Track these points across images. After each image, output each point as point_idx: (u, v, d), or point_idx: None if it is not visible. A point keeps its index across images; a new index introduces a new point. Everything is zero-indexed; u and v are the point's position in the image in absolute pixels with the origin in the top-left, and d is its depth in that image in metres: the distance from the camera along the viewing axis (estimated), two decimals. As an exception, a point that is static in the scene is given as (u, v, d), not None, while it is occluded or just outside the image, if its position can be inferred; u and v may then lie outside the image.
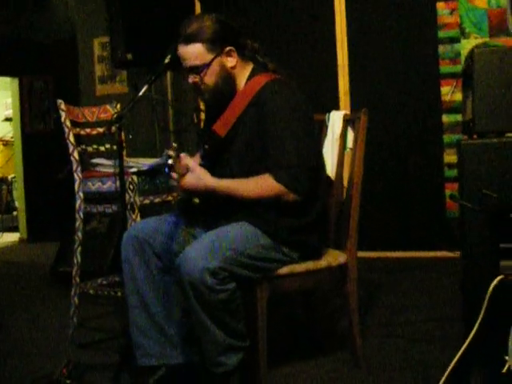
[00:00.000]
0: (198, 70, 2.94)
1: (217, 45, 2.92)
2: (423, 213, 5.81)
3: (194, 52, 2.92)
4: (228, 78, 2.97)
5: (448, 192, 5.65)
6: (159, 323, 3.02)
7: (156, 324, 3.02)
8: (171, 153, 2.70)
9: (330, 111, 3.67)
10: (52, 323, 4.35)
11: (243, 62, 3.03)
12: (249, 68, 3.05)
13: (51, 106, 8.93)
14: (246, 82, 3.01)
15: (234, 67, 2.97)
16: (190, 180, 2.81)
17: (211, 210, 3.01)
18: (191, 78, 2.97)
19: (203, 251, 2.66)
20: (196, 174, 2.81)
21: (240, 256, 2.75)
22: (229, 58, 2.96)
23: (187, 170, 2.80)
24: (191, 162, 2.83)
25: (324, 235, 3.15)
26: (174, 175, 2.80)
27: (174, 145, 2.77)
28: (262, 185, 2.81)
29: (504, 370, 2.07)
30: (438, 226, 5.71)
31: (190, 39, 2.91)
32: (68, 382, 3.02)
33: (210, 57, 2.91)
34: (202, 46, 2.90)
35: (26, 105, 9.02)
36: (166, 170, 2.70)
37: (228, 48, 2.94)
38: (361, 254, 3.34)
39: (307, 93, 3.07)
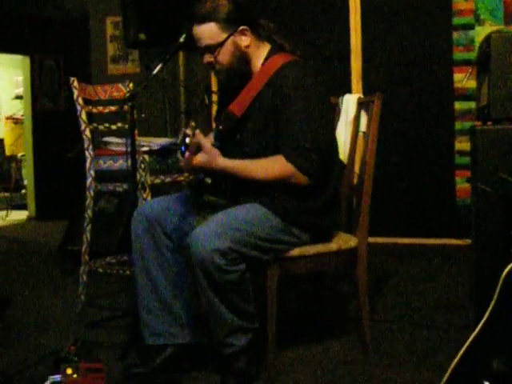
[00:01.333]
0: (212, 49, 2.92)
1: (230, 24, 2.90)
2: (433, 200, 5.80)
3: (207, 31, 2.90)
4: (242, 57, 2.96)
5: (458, 179, 5.64)
6: (167, 303, 3.02)
7: (164, 304, 3.01)
8: (189, 132, 2.68)
9: (342, 95, 3.66)
10: (60, 301, 4.36)
11: (259, 41, 3.01)
12: (266, 48, 3.03)
13: (62, 85, 8.93)
14: (264, 63, 2.99)
15: (248, 46, 2.95)
16: (201, 159, 2.79)
17: (223, 190, 3.00)
18: (206, 58, 2.96)
19: (213, 232, 2.65)
20: (207, 153, 2.79)
21: (250, 237, 2.74)
22: (243, 37, 2.94)
23: (199, 148, 2.78)
24: (204, 139, 2.80)
25: (336, 218, 3.13)
26: (187, 154, 2.78)
27: (192, 123, 2.74)
28: (273, 165, 2.80)
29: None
30: (448, 214, 5.70)
31: (203, 18, 2.89)
32: (75, 359, 3.02)
33: (223, 36, 2.90)
34: (215, 25, 2.89)
35: (37, 83, 9.02)
36: (183, 148, 2.68)
37: (242, 27, 2.92)
38: (371, 239, 3.33)
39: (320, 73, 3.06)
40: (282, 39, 3.10)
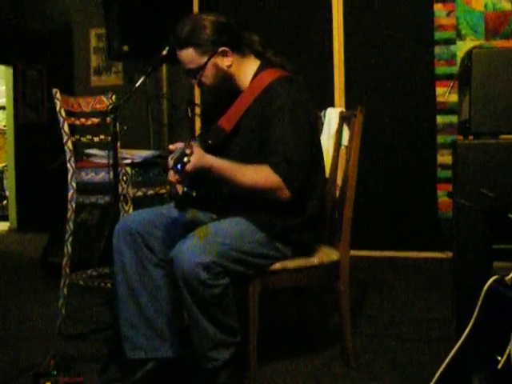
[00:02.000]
0: (194, 73, 2.94)
1: (209, 47, 2.90)
2: (415, 213, 5.81)
3: (187, 56, 2.92)
4: (226, 77, 2.97)
5: (440, 193, 5.65)
6: (148, 316, 3.00)
7: (145, 317, 3.00)
8: (188, 151, 2.63)
9: (325, 108, 3.67)
10: (40, 314, 4.33)
11: (243, 58, 3.01)
12: (253, 63, 3.04)
13: (45, 96, 8.90)
14: (253, 79, 3.00)
15: (230, 66, 2.96)
16: (195, 160, 2.69)
17: (206, 203, 3.00)
18: (192, 81, 2.99)
19: (197, 246, 2.64)
20: (201, 155, 2.72)
21: (234, 251, 2.74)
22: (224, 58, 2.94)
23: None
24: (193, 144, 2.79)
25: (319, 233, 3.14)
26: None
27: (193, 143, 2.70)
28: (259, 173, 2.79)
29: (499, 367, 2.07)
30: (430, 227, 5.71)
31: (182, 44, 2.91)
32: (55, 373, 2.99)
33: (203, 60, 2.91)
34: (193, 50, 2.90)
35: (20, 94, 8.99)
36: (179, 167, 2.61)
37: (222, 49, 2.92)
38: (353, 252, 3.33)
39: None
40: (269, 52, 3.10)
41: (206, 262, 2.60)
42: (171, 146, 2.73)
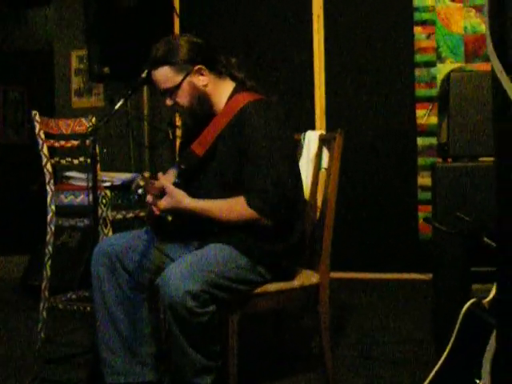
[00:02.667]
0: (169, 92, 2.94)
1: (185, 65, 2.91)
2: (396, 235, 5.82)
3: (163, 75, 2.93)
4: (202, 96, 2.96)
5: (421, 214, 5.67)
6: (127, 340, 2.98)
7: (124, 341, 2.98)
8: (141, 183, 2.71)
9: (306, 131, 3.67)
10: (20, 337, 4.29)
11: (219, 79, 3.02)
12: (228, 86, 3.04)
13: (26, 117, 8.87)
14: (227, 102, 3.00)
15: (206, 85, 2.96)
16: (168, 203, 2.80)
17: (185, 227, 3.00)
18: (167, 101, 2.98)
19: (184, 274, 2.62)
20: (172, 196, 2.80)
21: (221, 278, 2.73)
22: (200, 77, 2.94)
23: (163, 191, 2.80)
24: (167, 183, 2.82)
25: (301, 258, 3.14)
26: (150, 198, 2.81)
27: (146, 174, 2.77)
28: (234, 208, 2.81)
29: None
30: (411, 248, 5.72)
31: (157, 62, 2.92)
32: (34, 397, 2.98)
33: (179, 78, 2.91)
34: (169, 68, 2.91)
35: (1, 115, 8.96)
36: (136, 197, 2.72)
37: (197, 67, 2.93)
38: (334, 274, 3.33)
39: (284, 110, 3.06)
40: (244, 75, 3.10)
41: (194, 290, 2.59)
42: (140, 182, 2.76)
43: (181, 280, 2.60)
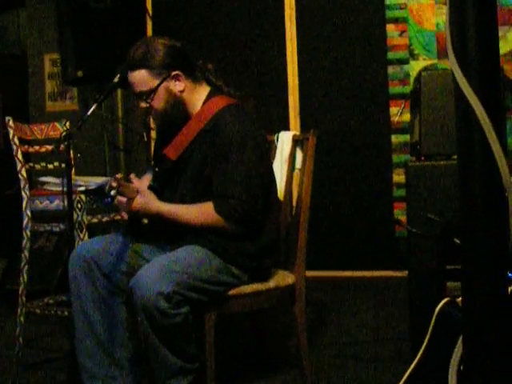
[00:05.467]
0: (145, 95, 2.94)
1: (163, 69, 2.92)
2: (372, 232, 5.84)
3: (139, 78, 2.93)
4: (177, 102, 2.97)
5: (397, 212, 5.70)
6: (105, 344, 2.98)
7: (102, 345, 2.97)
8: (114, 184, 2.72)
9: (279, 131, 3.68)
10: (-2, 342, 4.29)
11: (195, 84, 3.03)
12: (204, 91, 3.05)
13: (0, 122, 8.82)
14: (202, 105, 3.01)
15: (182, 91, 2.97)
16: (138, 203, 2.82)
17: (160, 230, 3.01)
18: (141, 104, 2.98)
19: (157, 275, 2.64)
20: (144, 198, 2.82)
21: (193, 280, 2.74)
22: (176, 83, 2.95)
23: (137, 192, 2.81)
24: (141, 184, 2.84)
25: (275, 259, 3.16)
26: (123, 199, 2.82)
27: (118, 176, 2.79)
28: (202, 213, 2.85)
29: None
30: (387, 246, 5.75)
31: (135, 65, 2.92)
32: (12, 403, 2.98)
33: (155, 82, 2.92)
34: (146, 71, 2.91)
35: (-26, 120, 8.91)
36: (109, 200, 2.74)
37: (174, 72, 2.93)
38: (310, 273, 3.35)
39: (259, 112, 3.08)
40: (220, 80, 3.12)
41: (166, 291, 2.60)
42: (113, 183, 2.77)
43: (153, 281, 2.61)
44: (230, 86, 3.13)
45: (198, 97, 3.03)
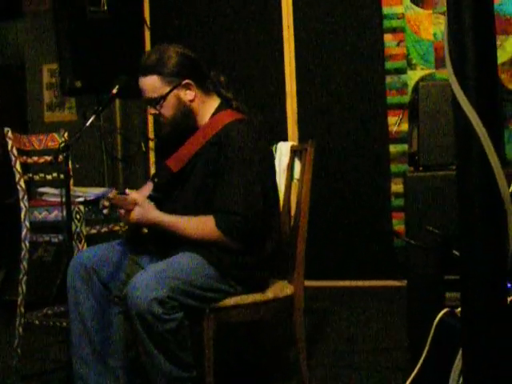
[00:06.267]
0: (154, 102, 2.94)
1: (174, 77, 2.92)
2: (370, 241, 5.84)
3: (150, 84, 2.93)
4: (187, 111, 2.98)
5: (395, 221, 5.70)
6: (101, 353, 2.97)
7: (98, 354, 2.97)
8: (106, 204, 2.75)
9: (278, 141, 3.69)
10: (-4, 353, 4.29)
11: (206, 95, 3.03)
12: (214, 103, 3.06)
13: (-1, 132, 8.83)
14: (210, 118, 3.01)
15: (192, 100, 2.97)
16: (137, 214, 2.82)
17: (159, 239, 3.01)
18: (150, 110, 2.99)
19: (151, 281, 2.64)
20: (143, 208, 2.82)
21: (187, 286, 2.74)
22: (187, 91, 2.96)
23: (135, 204, 2.82)
24: (139, 196, 2.84)
25: (273, 271, 3.16)
26: (122, 211, 2.83)
27: (110, 195, 2.81)
28: (203, 227, 2.85)
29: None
30: (385, 255, 5.74)
31: (147, 71, 2.92)
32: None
33: (166, 89, 2.92)
34: (158, 78, 2.91)
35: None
36: (103, 216, 2.78)
37: (186, 81, 2.94)
38: (308, 283, 3.35)
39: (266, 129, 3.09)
40: (231, 94, 3.12)
41: (160, 296, 2.60)
42: (105, 202, 2.79)
43: (147, 287, 2.61)
44: (240, 100, 3.13)
45: (207, 108, 3.04)
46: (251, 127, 2.97)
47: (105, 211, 2.75)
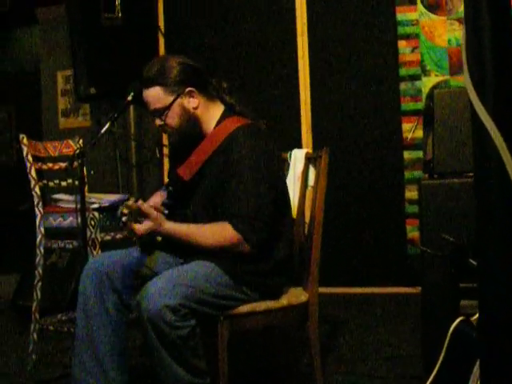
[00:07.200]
0: (160, 112, 2.96)
1: (176, 87, 2.94)
2: (384, 248, 5.82)
3: (154, 95, 2.95)
4: (192, 119, 2.99)
5: (409, 228, 5.69)
6: (103, 362, 2.94)
7: (99, 362, 2.94)
8: (125, 211, 2.74)
9: (292, 148, 3.69)
10: (10, 358, 4.29)
11: (209, 102, 3.05)
12: (218, 109, 3.07)
13: (14, 138, 8.88)
14: (216, 126, 3.02)
15: (196, 108, 2.99)
16: (148, 226, 2.82)
17: (173, 247, 3.02)
18: (156, 121, 3.00)
19: (163, 288, 2.64)
20: (152, 220, 2.82)
21: (200, 293, 2.73)
22: (190, 99, 2.97)
23: (146, 216, 2.83)
24: (149, 209, 2.84)
25: (287, 277, 3.15)
26: (133, 225, 2.83)
27: (129, 203, 2.80)
28: (219, 232, 2.83)
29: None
30: (399, 262, 5.73)
31: (149, 82, 2.94)
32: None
33: (169, 99, 2.94)
34: (161, 88, 2.93)
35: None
36: (121, 225, 2.77)
37: (188, 89, 2.95)
38: (323, 289, 3.34)
39: (272, 132, 3.08)
40: (234, 100, 3.13)
41: (172, 304, 2.60)
42: (124, 210, 2.80)
43: (159, 294, 2.61)
44: (244, 104, 3.13)
45: (212, 114, 3.05)
46: (257, 131, 2.98)
47: (124, 219, 2.75)
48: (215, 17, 6.38)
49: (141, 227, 2.82)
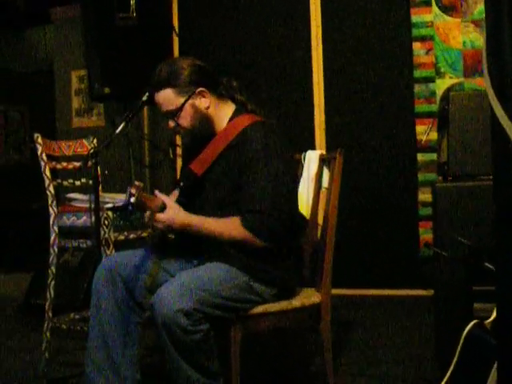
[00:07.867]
0: (172, 114, 2.97)
1: (187, 88, 2.94)
2: (397, 251, 5.82)
3: (165, 97, 2.96)
4: (204, 118, 2.99)
5: (422, 230, 5.68)
6: (115, 361, 2.96)
7: (112, 361, 2.95)
8: (133, 191, 2.72)
9: (305, 150, 3.69)
10: (23, 357, 4.30)
11: (220, 101, 3.05)
12: (230, 108, 3.08)
13: (27, 137, 8.92)
14: (228, 123, 3.03)
15: (208, 107, 2.99)
16: (165, 216, 2.81)
17: (186, 245, 3.02)
18: (169, 123, 3.01)
19: (177, 292, 2.63)
20: (171, 210, 2.82)
21: (214, 297, 2.73)
22: (202, 99, 2.98)
23: (164, 205, 2.81)
24: (166, 198, 2.84)
25: (299, 275, 3.15)
26: (148, 214, 2.82)
27: (137, 183, 2.78)
28: (230, 227, 2.84)
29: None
30: (412, 264, 5.72)
31: (160, 85, 2.95)
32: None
33: (181, 100, 2.94)
34: (171, 90, 2.94)
35: (2, 135, 9.00)
36: (131, 208, 2.72)
37: (199, 89, 2.96)
38: (335, 291, 3.34)
39: (284, 131, 3.09)
40: (245, 98, 3.14)
41: (186, 308, 2.60)
42: (132, 190, 2.76)
43: (173, 298, 2.61)
44: (254, 103, 3.14)
45: (223, 113, 3.06)
46: (270, 128, 2.99)
47: (132, 199, 2.72)
48: (229, 17, 6.39)
49: (161, 215, 2.81)
